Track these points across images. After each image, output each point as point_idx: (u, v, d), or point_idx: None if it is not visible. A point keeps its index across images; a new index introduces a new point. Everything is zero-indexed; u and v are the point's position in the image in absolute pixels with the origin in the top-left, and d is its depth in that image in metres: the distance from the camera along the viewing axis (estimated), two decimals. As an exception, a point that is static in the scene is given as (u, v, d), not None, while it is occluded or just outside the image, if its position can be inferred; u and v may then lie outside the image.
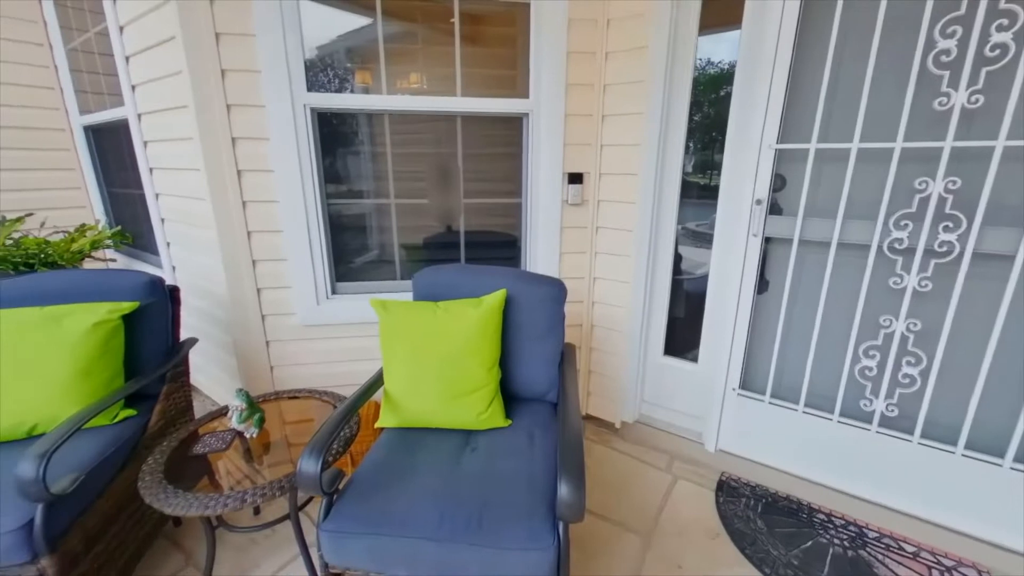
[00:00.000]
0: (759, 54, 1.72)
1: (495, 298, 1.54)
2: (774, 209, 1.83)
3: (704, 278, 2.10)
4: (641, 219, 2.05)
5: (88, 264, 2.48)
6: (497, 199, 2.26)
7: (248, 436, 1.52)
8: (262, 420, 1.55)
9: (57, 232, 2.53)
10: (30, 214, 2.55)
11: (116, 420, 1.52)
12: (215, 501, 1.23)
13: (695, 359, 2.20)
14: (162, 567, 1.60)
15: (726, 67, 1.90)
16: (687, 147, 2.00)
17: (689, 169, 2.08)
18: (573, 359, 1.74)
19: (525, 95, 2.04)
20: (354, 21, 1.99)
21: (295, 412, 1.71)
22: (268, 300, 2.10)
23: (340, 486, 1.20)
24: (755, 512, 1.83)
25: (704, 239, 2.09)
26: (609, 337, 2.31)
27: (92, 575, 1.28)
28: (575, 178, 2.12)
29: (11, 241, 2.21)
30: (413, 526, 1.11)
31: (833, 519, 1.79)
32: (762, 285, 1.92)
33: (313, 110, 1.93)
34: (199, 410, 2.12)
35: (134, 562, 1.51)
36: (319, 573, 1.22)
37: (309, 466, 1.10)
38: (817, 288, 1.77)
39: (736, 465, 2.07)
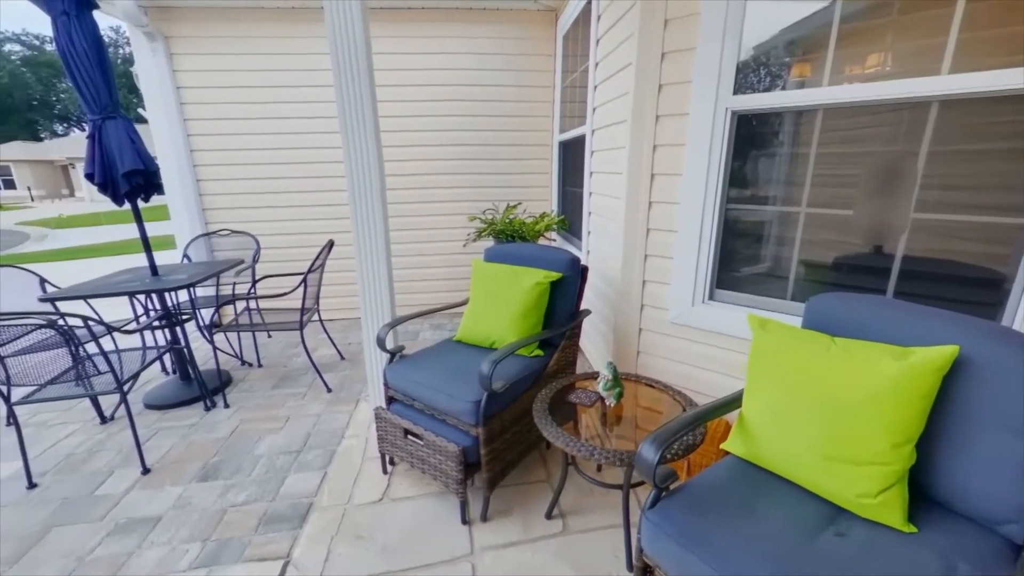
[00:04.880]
0: None
1: (937, 354, 1.09)
2: None
3: None
4: None
5: (541, 241, 3.49)
6: (976, 215, 1.55)
7: (607, 404, 1.76)
8: (621, 394, 1.76)
9: (529, 216, 3.68)
10: (519, 203, 3.83)
11: (532, 355, 2.09)
12: (572, 443, 1.51)
13: None
14: (531, 473, 2.12)
15: None
16: None
17: None
18: (1087, 494, 1.02)
19: (1092, 54, 1.26)
20: (803, 8, 1.79)
21: (647, 399, 1.84)
22: (649, 292, 2.30)
23: (671, 486, 1.21)
24: None
25: None
26: None
27: (498, 452, 1.85)
28: None
29: (508, 220, 3.38)
30: (733, 573, 0.99)
31: None
32: None
33: (734, 113, 1.90)
34: (579, 368, 2.62)
35: (519, 458, 2.07)
36: (633, 552, 1.29)
37: (649, 453, 1.16)
38: None
39: None
